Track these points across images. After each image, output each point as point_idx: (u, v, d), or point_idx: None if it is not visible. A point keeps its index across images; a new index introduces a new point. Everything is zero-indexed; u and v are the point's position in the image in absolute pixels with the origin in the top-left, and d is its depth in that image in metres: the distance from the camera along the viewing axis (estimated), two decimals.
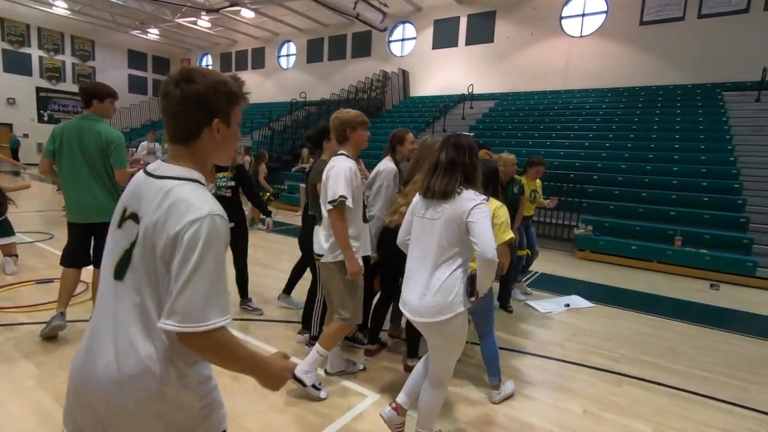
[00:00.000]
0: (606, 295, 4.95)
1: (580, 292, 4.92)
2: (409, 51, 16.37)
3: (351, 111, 2.52)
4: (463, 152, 1.94)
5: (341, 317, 2.48)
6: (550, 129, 10.86)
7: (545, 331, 3.75)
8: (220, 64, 21.95)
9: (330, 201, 2.34)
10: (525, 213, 4.43)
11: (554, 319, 4.06)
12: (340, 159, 2.43)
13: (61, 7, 17.54)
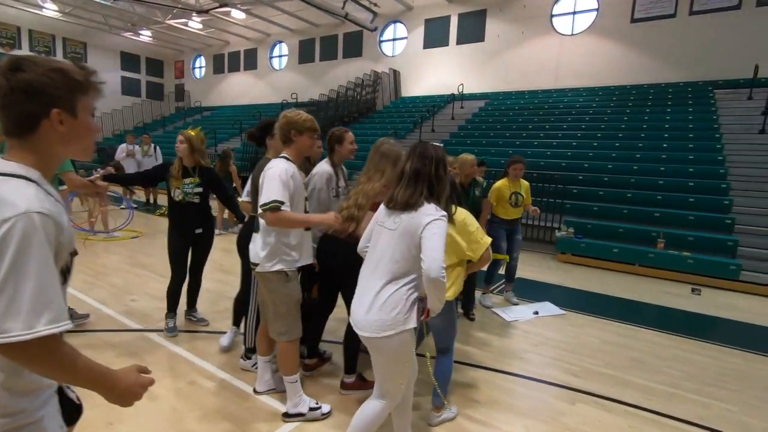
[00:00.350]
0: (580, 301, 4.77)
1: (556, 297, 4.73)
2: (401, 51, 16.20)
3: (302, 114, 2.34)
4: (429, 163, 1.83)
5: (279, 333, 2.31)
6: (538, 129, 10.67)
7: (506, 342, 3.57)
8: (213, 65, 21.86)
9: (262, 204, 2.17)
10: (507, 216, 4.28)
11: (519, 328, 3.87)
12: (279, 161, 2.26)
13: (51, 9, 17.47)
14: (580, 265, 6.46)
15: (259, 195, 2.23)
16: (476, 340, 3.56)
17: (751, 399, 2.85)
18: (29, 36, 18.46)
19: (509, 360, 3.23)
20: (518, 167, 4.29)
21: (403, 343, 1.76)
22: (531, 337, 3.69)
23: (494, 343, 3.53)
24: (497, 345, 3.49)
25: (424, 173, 1.81)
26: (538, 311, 4.23)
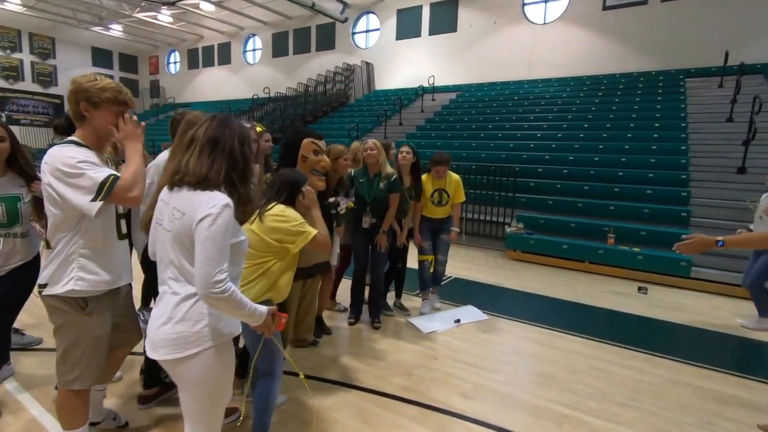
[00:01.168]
0: (512, 304, 4.38)
1: (488, 299, 4.36)
2: (374, 43, 15.73)
3: (103, 80, 1.69)
4: (232, 135, 1.41)
5: (64, 377, 1.77)
6: (505, 120, 10.26)
7: (401, 356, 3.15)
8: (187, 60, 21.33)
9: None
10: (430, 215, 3.83)
11: (426, 338, 3.47)
12: (59, 148, 1.64)
13: (14, 2, 16.90)
14: (529, 263, 6.06)
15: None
16: (367, 353, 3.15)
17: (660, 422, 2.46)
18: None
19: (393, 378, 2.82)
20: (440, 170, 3.75)
21: (207, 363, 1.37)
22: (434, 348, 3.29)
23: (387, 356, 3.12)
24: (389, 359, 3.08)
25: (223, 143, 1.39)
26: (459, 319, 3.81)
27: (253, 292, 1.91)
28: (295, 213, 2.03)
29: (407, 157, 3.64)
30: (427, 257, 3.92)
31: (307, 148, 2.74)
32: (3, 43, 18.22)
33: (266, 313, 1.50)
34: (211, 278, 1.28)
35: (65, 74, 20.02)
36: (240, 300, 1.39)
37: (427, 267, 3.95)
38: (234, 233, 1.42)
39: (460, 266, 5.64)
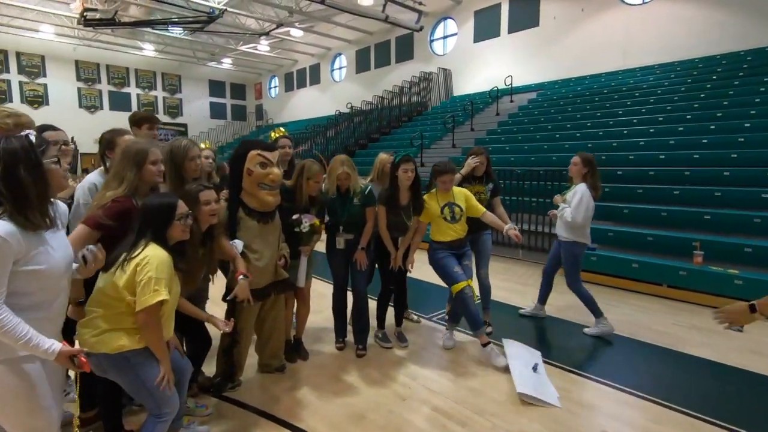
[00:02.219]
0: (547, 336, 3.65)
1: (529, 331, 3.70)
2: (451, 48, 15.30)
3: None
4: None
5: None
6: (587, 117, 9.01)
7: (360, 393, 2.76)
8: (284, 83, 23.22)
9: None
10: (446, 237, 3.20)
11: (405, 374, 3.02)
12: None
13: (150, 49, 20.26)
14: (590, 283, 5.06)
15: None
16: (328, 386, 2.82)
17: None
18: (135, 75, 21.58)
19: (339, 420, 2.46)
20: (446, 179, 3.19)
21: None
22: (411, 386, 2.83)
23: (348, 393, 2.76)
24: (348, 396, 2.71)
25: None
26: (536, 364, 2.97)
27: (119, 341, 1.70)
28: (166, 265, 1.70)
29: (411, 176, 3.14)
30: (463, 283, 3.09)
31: (252, 161, 2.57)
32: (143, 84, 21.87)
33: (56, 353, 1.35)
34: None
35: (189, 105, 23.32)
36: (10, 329, 1.26)
37: (470, 296, 3.07)
38: (25, 261, 1.32)
39: (503, 286, 4.96)
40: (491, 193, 3.63)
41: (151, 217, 1.77)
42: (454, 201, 3.26)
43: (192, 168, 2.45)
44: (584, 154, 3.61)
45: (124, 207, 1.89)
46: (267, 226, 2.68)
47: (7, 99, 18.13)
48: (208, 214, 2.13)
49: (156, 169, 2.00)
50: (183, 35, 17.94)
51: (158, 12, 15.76)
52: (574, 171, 3.62)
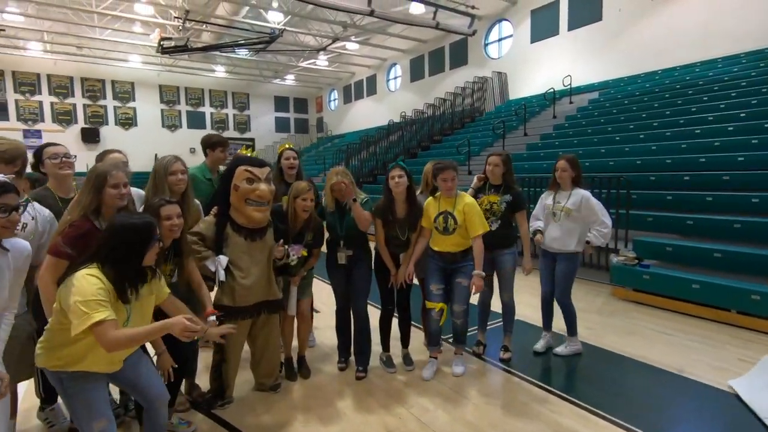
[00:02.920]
0: (579, 368, 3.24)
1: (559, 365, 3.34)
2: (506, 51, 14.70)
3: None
4: None
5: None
6: (654, 117, 8.10)
7: (347, 420, 2.60)
8: (343, 96, 23.85)
9: None
10: (437, 247, 2.98)
11: (400, 403, 2.81)
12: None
13: (221, 71, 21.93)
14: (642, 305, 4.46)
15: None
16: (315, 410, 2.70)
17: None
18: (209, 95, 23.43)
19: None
20: (448, 176, 2.92)
21: None
22: (402, 416, 2.63)
23: (333, 420, 2.62)
24: (332, 423, 2.58)
25: None
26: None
27: (55, 359, 1.66)
28: (90, 285, 1.58)
29: (401, 182, 2.92)
30: (435, 305, 3.01)
31: (239, 177, 2.57)
32: (215, 103, 23.68)
33: None
34: None
35: (256, 121, 24.81)
36: None
37: (436, 318, 3.03)
38: None
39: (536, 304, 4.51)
40: (509, 205, 3.20)
41: (113, 238, 1.70)
42: (452, 211, 2.95)
43: (173, 182, 2.50)
44: (570, 157, 3.28)
45: (80, 231, 1.90)
46: (255, 244, 2.65)
47: (104, 122, 20.56)
48: (168, 229, 2.13)
49: (116, 192, 2.00)
50: (249, 56, 19.16)
51: (227, 36, 17.00)
52: (564, 177, 3.24)
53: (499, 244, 3.21)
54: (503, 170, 3.23)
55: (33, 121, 19.04)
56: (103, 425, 1.71)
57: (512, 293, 3.36)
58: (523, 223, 3.27)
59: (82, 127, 19.87)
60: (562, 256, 3.27)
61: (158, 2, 14.05)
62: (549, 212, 3.32)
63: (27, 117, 18.92)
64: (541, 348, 3.47)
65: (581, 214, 3.19)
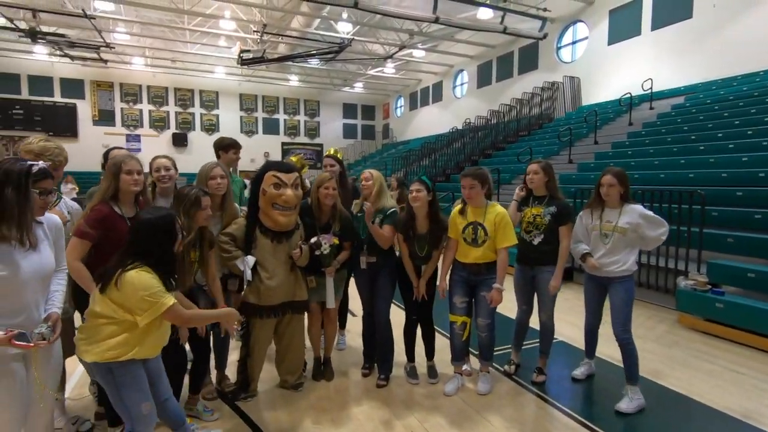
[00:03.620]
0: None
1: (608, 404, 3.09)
2: (580, 54, 13.86)
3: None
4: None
5: None
6: (749, 124, 7.14)
7: (353, 428, 2.58)
8: (409, 103, 24.02)
9: None
10: (464, 259, 2.89)
11: (412, 415, 2.73)
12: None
13: (294, 80, 23.18)
14: (713, 337, 3.92)
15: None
16: (329, 414, 2.72)
17: None
18: (283, 102, 24.84)
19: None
20: (466, 183, 2.85)
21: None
22: (408, 430, 2.55)
23: (341, 426, 2.62)
24: (339, 429, 2.58)
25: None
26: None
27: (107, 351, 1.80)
28: (149, 279, 1.76)
29: (419, 196, 2.87)
30: (457, 318, 2.95)
31: (267, 182, 2.70)
32: (289, 110, 25.04)
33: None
34: None
35: (325, 127, 25.81)
36: None
37: (459, 332, 2.96)
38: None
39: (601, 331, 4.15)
40: (553, 218, 2.98)
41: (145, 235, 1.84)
42: (482, 221, 2.85)
43: (213, 186, 2.67)
44: (618, 171, 2.84)
45: (101, 214, 2.14)
46: (281, 246, 2.75)
47: (191, 128, 22.62)
48: (203, 219, 2.33)
49: (131, 178, 2.22)
50: (320, 65, 20.03)
51: (300, 47, 17.94)
52: (612, 193, 2.82)
53: (540, 260, 3.02)
54: (545, 178, 3.00)
55: (134, 127, 21.50)
56: (150, 407, 1.89)
57: (552, 313, 3.13)
58: (565, 238, 2.97)
59: (173, 132, 22.04)
60: (617, 282, 2.81)
61: (240, 18, 15.23)
62: (597, 233, 2.88)
63: (129, 123, 21.41)
64: (581, 375, 3.18)
65: (638, 233, 2.80)
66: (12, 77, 19.13)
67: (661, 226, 2.78)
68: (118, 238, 1.99)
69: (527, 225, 3.04)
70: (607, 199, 2.86)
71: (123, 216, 2.24)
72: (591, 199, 2.97)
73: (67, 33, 15.00)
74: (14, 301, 1.63)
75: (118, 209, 2.22)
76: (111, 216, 2.17)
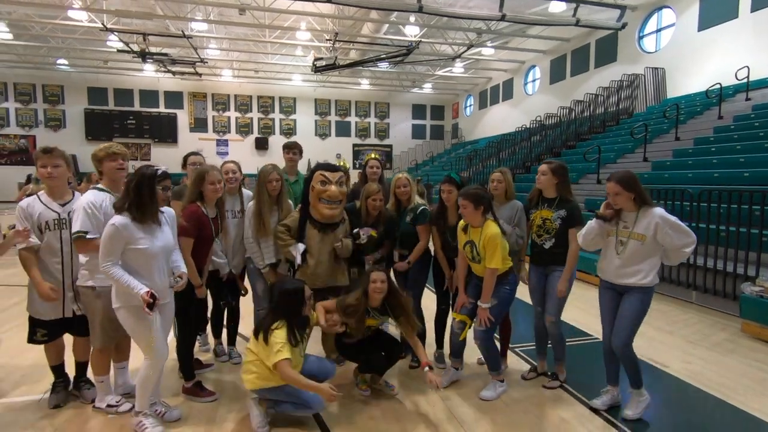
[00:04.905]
0: None
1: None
2: (666, 43, 12.78)
3: (100, 146, 2.66)
4: (130, 181, 2.40)
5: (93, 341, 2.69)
6: None
7: (360, 408, 2.86)
8: (479, 101, 23.70)
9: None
10: (474, 270, 2.97)
11: (429, 407, 2.95)
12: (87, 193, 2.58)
13: (366, 83, 24.02)
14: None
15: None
16: (348, 396, 3.05)
17: None
18: (355, 106, 25.84)
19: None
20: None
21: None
22: (425, 404, 2.79)
23: (351, 407, 2.93)
24: (350, 407, 2.89)
25: (127, 185, 2.41)
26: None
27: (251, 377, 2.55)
28: (280, 336, 2.47)
29: (450, 197, 3.09)
30: (458, 316, 2.99)
31: (316, 179, 3.12)
32: (360, 113, 26.00)
33: (141, 292, 2.23)
34: (101, 263, 2.22)
35: (394, 128, 26.39)
36: (118, 278, 2.23)
37: (457, 331, 3.01)
38: (129, 242, 2.28)
39: (663, 339, 3.94)
40: (563, 221, 2.92)
41: (284, 302, 2.58)
42: (476, 241, 2.83)
43: (270, 187, 3.24)
44: (621, 176, 2.60)
45: (190, 210, 2.81)
46: (327, 236, 3.16)
47: (272, 132, 24.46)
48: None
49: (213, 187, 2.84)
50: (390, 68, 20.58)
51: (370, 52, 18.63)
52: (620, 201, 2.60)
53: (552, 261, 3.00)
54: (554, 180, 2.95)
55: (223, 132, 23.80)
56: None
57: (557, 318, 3.01)
58: (574, 241, 2.87)
59: (255, 137, 24.02)
60: (635, 290, 2.60)
61: (314, 28, 16.26)
62: (614, 239, 2.66)
63: (219, 129, 23.75)
64: (602, 405, 2.78)
65: (657, 240, 2.54)
66: (127, 92, 22.23)
67: (687, 236, 2.50)
68: (207, 237, 2.80)
69: (537, 229, 3.01)
70: (618, 207, 2.65)
71: (207, 215, 2.89)
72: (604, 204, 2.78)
73: (170, 52, 17.15)
74: (150, 266, 2.35)
75: (204, 209, 2.86)
76: (198, 211, 2.81)
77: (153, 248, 2.34)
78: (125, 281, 2.22)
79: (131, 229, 2.26)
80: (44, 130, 21.47)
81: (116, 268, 2.23)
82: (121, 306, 2.33)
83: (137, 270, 2.31)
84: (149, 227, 2.33)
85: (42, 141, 20.90)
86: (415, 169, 22.66)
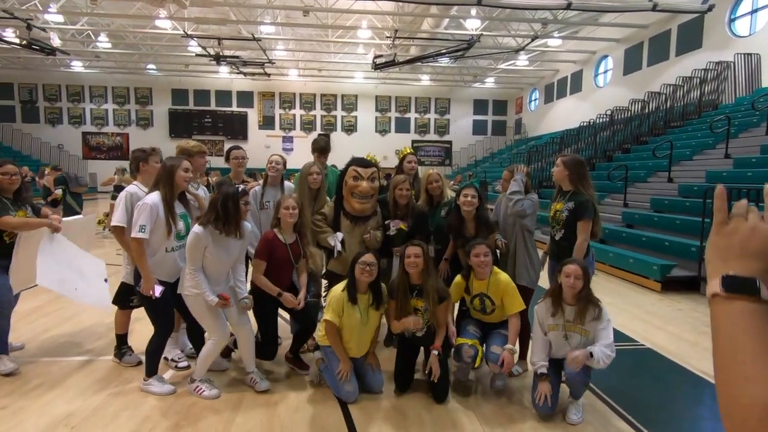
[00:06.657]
0: None
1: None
2: (763, 25, 11.36)
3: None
4: (216, 199, 2.74)
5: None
6: None
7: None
8: (544, 95, 22.65)
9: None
10: (479, 317, 2.96)
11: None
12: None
13: (426, 79, 23.95)
14: None
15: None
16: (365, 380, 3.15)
17: None
18: (415, 102, 25.86)
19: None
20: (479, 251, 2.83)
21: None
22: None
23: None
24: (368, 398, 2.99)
25: (212, 202, 2.80)
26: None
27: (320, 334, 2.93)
28: (333, 294, 2.85)
29: (472, 201, 3.06)
30: (467, 340, 2.80)
31: (349, 174, 3.28)
32: (420, 109, 25.98)
33: (213, 301, 2.67)
34: (188, 269, 2.62)
35: (454, 124, 26.05)
36: (199, 284, 2.63)
37: (467, 360, 2.77)
38: (209, 251, 2.67)
39: (686, 338, 3.77)
40: (571, 213, 2.95)
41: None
42: (487, 292, 2.79)
43: (311, 181, 3.44)
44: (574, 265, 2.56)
45: (264, 236, 3.08)
46: (358, 228, 3.31)
47: (334, 128, 25.25)
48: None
49: (288, 212, 3.01)
50: (450, 63, 20.35)
51: (430, 47, 18.55)
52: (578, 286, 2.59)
53: (562, 254, 2.96)
54: (565, 172, 2.99)
55: (288, 130, 25.02)
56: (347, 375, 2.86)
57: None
58: (581, 234, 2.90)
59: (318, 133, 24.95)
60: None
61: (375, 26, 16.53)
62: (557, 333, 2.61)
63: (285, 126, 24.99)
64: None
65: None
66: (205, 93, 24.13)
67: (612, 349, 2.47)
68: (281, 259, 3.00)
69: (551, 220, 3.12)
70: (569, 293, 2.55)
71: (285, 243, 3.01)
72: (550, 289, 2.69)
73: (241, 54, 18.36)
74: (218, 272, 2.76)
75: (280, 236, 3.03)
76: (274, 241, 3.00)
77: (223, 258, 2.74)
78: (203, 288, 2.65)
79: (208, 238, 2.64)
80: (135, 128, 23.98)
81: (199, 274, 2.65)
82: (188, 294, 2.72)
83: (208, 277, 2.71)
84: (229, 239, 2.69)
85: (134, 139, 23.43)
86: (475, 166, 22.26)
